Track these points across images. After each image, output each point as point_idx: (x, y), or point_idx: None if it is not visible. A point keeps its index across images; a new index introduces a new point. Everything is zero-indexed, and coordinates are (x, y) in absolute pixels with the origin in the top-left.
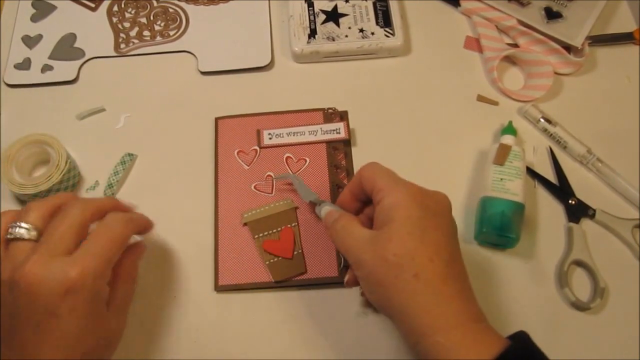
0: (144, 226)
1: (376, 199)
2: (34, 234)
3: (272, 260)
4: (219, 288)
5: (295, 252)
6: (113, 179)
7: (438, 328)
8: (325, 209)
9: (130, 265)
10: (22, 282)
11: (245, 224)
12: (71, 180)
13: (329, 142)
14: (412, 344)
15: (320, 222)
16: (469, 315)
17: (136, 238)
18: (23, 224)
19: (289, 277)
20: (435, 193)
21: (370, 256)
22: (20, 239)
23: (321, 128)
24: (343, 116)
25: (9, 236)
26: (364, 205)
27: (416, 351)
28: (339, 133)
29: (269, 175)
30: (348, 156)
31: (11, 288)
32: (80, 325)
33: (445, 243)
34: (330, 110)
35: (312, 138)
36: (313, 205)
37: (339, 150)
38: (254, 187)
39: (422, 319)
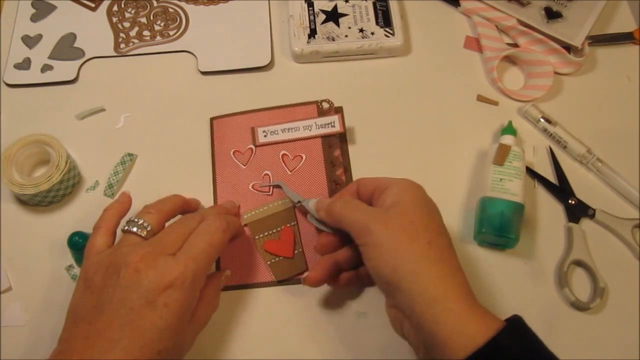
0: (238, 232)
1: (381, 189)
2: (147, 231)
3: (273, 260)
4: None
5: (295, 251)
6: (113, 179)
7: (449, 295)
8: (314, 200)
9: (213, 291)
10: (130, 267)
11: (245, 225)
12: (71, 180)
13: (324, 137)
14: (419, 310)
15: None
16: (470, 290)
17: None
18: (142, 222)
19: (291, 276)
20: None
21: (382, 224)
22: (135, 233)
23: (315, 122)
24: (337, 110)
25: (127, 227)
26: None
27: (423, 319)
28: (334, 126)
29: (266, 175)
30: (344, 151)
31: (117, 270)
32: (168, 322)
33: (444, 228)
34: (324, 103)
35: (307, 133)
36: (302, 207)
37: (335, 146)
38: (252, 187)
39: (434, 284)
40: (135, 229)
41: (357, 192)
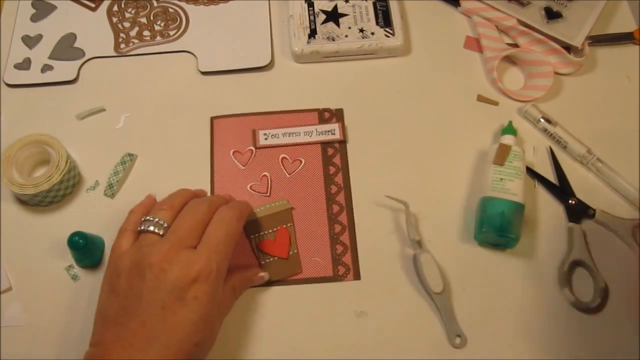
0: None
1: None
2: (164, 229)
3: (267, 260)
4: None
5: (290, 252)
6: (113, 179)
7: None
8: (427, 255)
9: (240, 282)
10: (155, 267)
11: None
12: (71, 180)
13: (323, 143)
14: None
15: (317, 223)
16: None
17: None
18: (157, 220)
19: (284, 277)
20: None
21: None
22: (151, 232)
23: (316, 129)
24: (338, 116)
25: (142, 227)
26: None
27: None
28: (334, 134)
29: (264, 176)
30: (343, 156)
31: (142, 272)
32: (200, 314)
33: None
34: (324, 111)
35: (307, 139)
36: (414, 244)
37: (334, 151)
38: (250, 188)
39: None
40: (152, 228)
41: None
